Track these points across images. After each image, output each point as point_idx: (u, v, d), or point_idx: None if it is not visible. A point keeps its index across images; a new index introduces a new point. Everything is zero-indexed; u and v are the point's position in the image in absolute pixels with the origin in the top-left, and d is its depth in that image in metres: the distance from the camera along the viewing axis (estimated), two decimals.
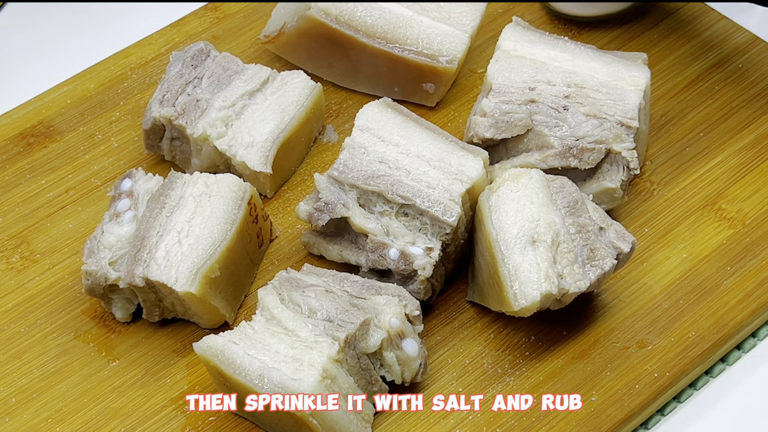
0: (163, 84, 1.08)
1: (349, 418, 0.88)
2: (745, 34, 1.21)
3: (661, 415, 0.97)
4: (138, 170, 1.02)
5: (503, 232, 0.94)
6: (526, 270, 0.92)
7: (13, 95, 1.21)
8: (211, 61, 1.09)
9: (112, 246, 0.97)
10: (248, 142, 1.04)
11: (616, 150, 1.01)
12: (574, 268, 0.93)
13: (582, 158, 1.01)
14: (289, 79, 1.09)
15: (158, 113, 1.05)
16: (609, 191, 1.02)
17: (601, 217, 0.96)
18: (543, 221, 0.93)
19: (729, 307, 0.99)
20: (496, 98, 1.03)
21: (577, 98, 1.03)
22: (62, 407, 0.95)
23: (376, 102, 1.03)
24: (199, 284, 0.93)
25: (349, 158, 0.99)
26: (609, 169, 1.02)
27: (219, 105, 1.06)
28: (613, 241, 0.95)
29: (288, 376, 0.86)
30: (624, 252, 0.95)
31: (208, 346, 0.88)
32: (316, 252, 1.03)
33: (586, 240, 0.94)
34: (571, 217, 0.95)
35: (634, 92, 1.04)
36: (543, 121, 1.02)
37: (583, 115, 1.02)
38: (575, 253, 0.93)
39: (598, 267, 0.93)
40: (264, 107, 1.06)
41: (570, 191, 0.96)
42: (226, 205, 0.97)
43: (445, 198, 0.97)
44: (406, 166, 0.99)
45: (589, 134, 1.01)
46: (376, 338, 0.90)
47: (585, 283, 0.92)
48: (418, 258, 0.96)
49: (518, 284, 0.91)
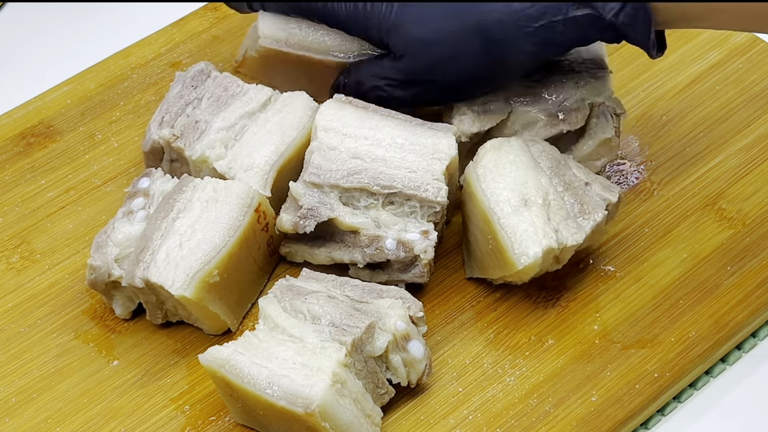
0: (163, 105, 1.05)
1: (360, 422, 0.88)
2: (745, 34, 1.21)
3: (661, 415, 0.97)
4: (157, 170, 1.01)
5: (495, 198, 0.95)
6: (523, 229, 0.93)
7: (13, 95, 1.21)
8: (212, 81, 1.07)
9: (121, 243, 0.97)
10: (248, 165, 1.02)
11: (599, 101, 1.02)
12: (568, 223, 0.94)
13: (570, 120, 1.02)
14: (290, 100, 1.06)
15: (157, 135, 1.03)
16: (606, 142, 1.03)
17: (585, 172, 0.99)
18: (531, 183, 0.95)
19: (729, 307, 0.99)
20: None
21: (543, 67, 1.03)
22: (62, 407, 0.95)
23: (331, 100, 1.02)
24: (195, 288, 0.93)
25: (321, 160, 0.98)
26: (598, 122, 1.03)
27: (218, 126, 1.03)
28: (600, 193, 0.98)
29: (298, 383, 0.86)
30: (612, 202, 0.97)
31: (213, 357, 0.88)
32: (300, 260, 1.02)
33: (574, 195, 0.96)
34: (557, 177, 0.97)
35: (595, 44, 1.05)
36: (520, 99, 1.03)
37: (556, 80, 1.03)
38: (566, 210, 0.95)
39: (591, 219, 0.95)
40: (265, 129, 1.04)
41: (551, 153, 0.99)
42: (231, 211, 0.97)
43: (428, 178, 0.97)
44: (382, 156, 0.99)
45: (569, 96, 1.02)
46: (382, 341, 0.90)
47: (581, 235, 0.94)
48: (417, 243, 0.96)
49: (518, 244, 0.93)
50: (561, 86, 1.02)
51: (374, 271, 1.00)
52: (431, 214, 0.97)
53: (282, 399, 0.85)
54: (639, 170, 1.10)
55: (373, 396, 0.91)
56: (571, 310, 1.00)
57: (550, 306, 1.00)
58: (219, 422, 0.94)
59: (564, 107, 1.02)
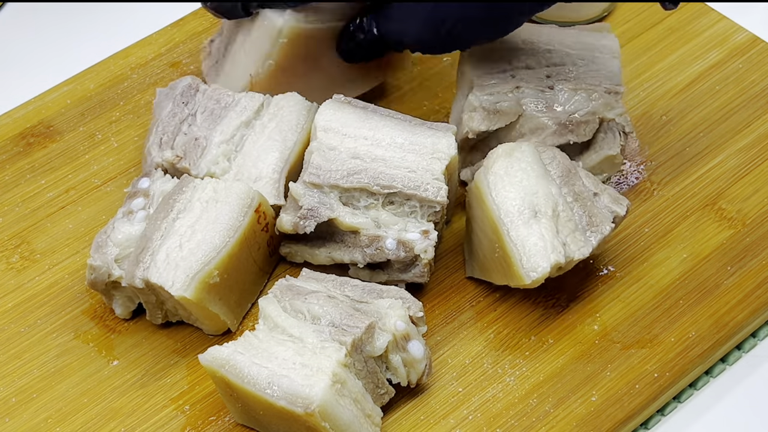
0: (158, 126, 1.04)
1: (360, 422, 0.88)
2: (745, 34, 1.21)
3: (661, 415, 0.97)
4: (157, 170, 1.01)
5: (505, 208, 0.95)
6: (533, 243, 0.93)
7: (13, 95, 1.21)
8: (202, 95, 1.06)
9: (120, 243, 0.97)
10: (256, 175, 1.01)
11: (609, 117, 1.02)
12: (576, 236, 0.94)
13: (578, 132, 1.02)
14: (284, 102, 1.06)
15: (160, 158, 1.03)
16: (610, 158, 1.03)
17: (594, 182, 0.98)
18: (541, 193, 0.95)
19: (729, 307, 0.99)
20: (480, 92, 1.03)
21: (559, 76, 1.04)
22: (62, 407, 0.95)
23: (330, 101, 1.02)
24: (196, 289, 0.93)
25: (321, 161, 0.98)
26: (605, 138, 1.03)
27: (218, 140, 1.03)
28: (608, 205, 0.97)
29: (298, 383, 0.86)
30: (620, 215, 0.97)
31: (213, 357, 0.88)
32: (300, 260, 1.02)
33: (583, 207, 0.96)
34: (567, 186, 0.97)
35: (611, 59, 1.05)
36: (532, 104, 1.03)
37: (570, 90, 1.02)
38: (575, 222, 0.95)
39: (598, 232, 0.95)
40: (264, 136, 1.04)
41: (561, 160, 0.98)
42: (231, 211, 0.97)
43: (428, 178, 0.97)
44: (382, 156, 0.99)
45: (580, 108, 1.02)
46: (382, 341, 0.90)
47: (588, 249, 0.94)
48: (417, 243, 0.96)
49: (527, 259, 0.93)
50: (574, 97, 1.02)
51: (374, 271, 1.00)
52: (431, 213, 0.97)
53: (282, 399, 0.85)
54: (639, 170, 1.10)
55: (373, 396, 0.91)
56: (571, 310, 1.00)
57: (550, 306, 1.00)
58: (219, 422, 0.94)
59: (574, 118, 1.02)
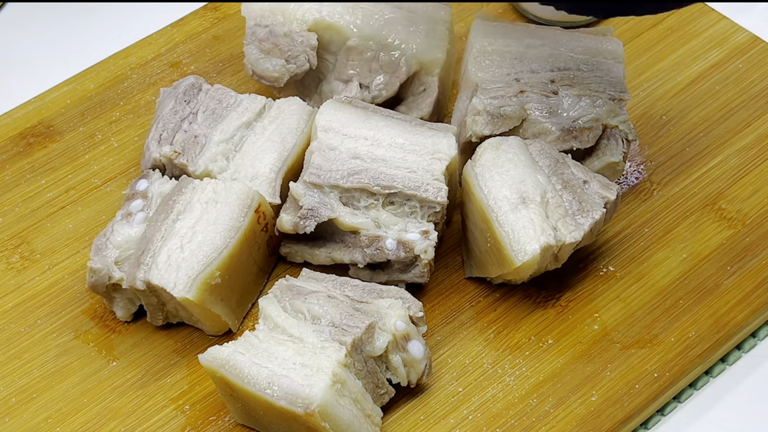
0: (158, 123, 1.05)
1: (360, 422, 0.88)
2: (745, 34, 1.21)
3: (661, 415, 0.97)
4: (155, 171, 1.01)
5: (493, 195, 0.96)
6: (522, 226, 0.93)
7: (13, 95, 1.21)
8: (204, 94, 1.07)
9: (120, 245, 0.97)
10: (252, 174, 1.02)
11: (613, 124, 1.02)
12: (567, 220, 0.95)
13: (581, 138, 1.02)
14: (285, 106, 1.06)
15: (158, 153, 1.03)
16: (612, 165, 1.03)
17: (584, 171, 0.99)
18: (529, 181, 0.96)
19: (729, 307, 0.99)
20: (484, 96, 1.03)
21: (564, 81, 1.04)
22: (62, 407, 0.96)
23: (331, 101, 1.02)
24: (198, 290, 0.93)
25: (322, 161, 0.98)
26: (608, 144, 1.03)
27: (218, 139, 1.03)
28: (598, 191, 0.98)
29: (298, 383, 0.86)
30: (611, 200, 0.97)
31: (213, 357, 0.88)
32: (300, 260, 1.02)
33: (573, 194, 0.97)
34: (555, 175, 0.98)
35: (615, 65, 1.05)
36: (536, 109, 1.02)
37: (574, 96, 1.02)
38: (565, 208, 0.96)
39: (589, 216, 0.96)
40: (264, 137, 1.04)
41: (549, 151, 0.99)
42: (231, 212, 0.97)
43: (428, 178, 0.97)
44: (382, 157, 0.99)
45: (584, 114, 1.02)
46: (382, 341, 0.90)
47: (579, 233, 0.94)
48: (417, 243, 0.96)
49: (516, 241, 0.93)
50: (578, 103, 1.02)
51: (374, 271, 1.00)
52: (431, 214, 0.97)
53: (282, 399, 0.85)
54: (639, 170, 1.10)
55: (373, 396, 0.91)
56: (571, 310, 1.00)
57: (549, 306, 1.00)
58: (219, 422, 0.94)
59: (578, 124, 1.02)
